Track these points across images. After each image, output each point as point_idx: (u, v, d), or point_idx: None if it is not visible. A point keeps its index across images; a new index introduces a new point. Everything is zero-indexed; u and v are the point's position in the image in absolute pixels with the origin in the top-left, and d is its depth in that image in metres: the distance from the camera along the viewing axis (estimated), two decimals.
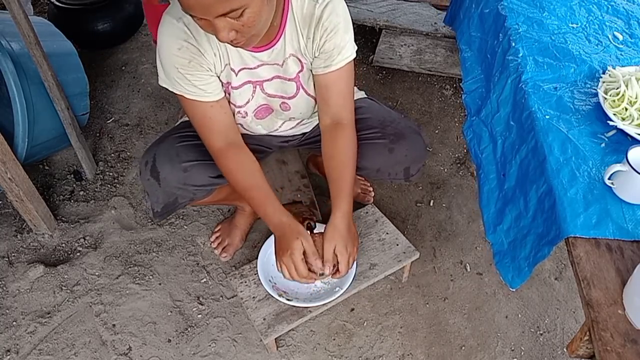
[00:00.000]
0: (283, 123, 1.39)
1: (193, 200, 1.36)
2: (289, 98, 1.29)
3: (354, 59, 1.25)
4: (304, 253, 1.24)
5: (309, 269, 1.25)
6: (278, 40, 1.18)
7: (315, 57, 1.22)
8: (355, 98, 1.37)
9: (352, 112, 1.31)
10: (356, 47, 1.25)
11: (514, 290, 1.60)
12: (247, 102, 1.27)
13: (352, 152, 1.30)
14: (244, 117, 1.31)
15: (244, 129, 1.39)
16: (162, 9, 1.19)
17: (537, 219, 1.09)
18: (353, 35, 1.23)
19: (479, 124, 1.42)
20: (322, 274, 1.27)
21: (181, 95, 1.18)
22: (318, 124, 1.46)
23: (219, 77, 1.20)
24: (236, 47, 1.07)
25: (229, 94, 1.25)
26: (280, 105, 1.31)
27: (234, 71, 1.20)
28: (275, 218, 1.26)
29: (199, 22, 0.98)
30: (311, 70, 1.26)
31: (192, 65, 1.13)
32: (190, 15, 0.97)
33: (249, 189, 1.26)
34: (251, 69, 1.21)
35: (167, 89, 1.19)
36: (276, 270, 1.41)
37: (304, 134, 1.49)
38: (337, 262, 1.28)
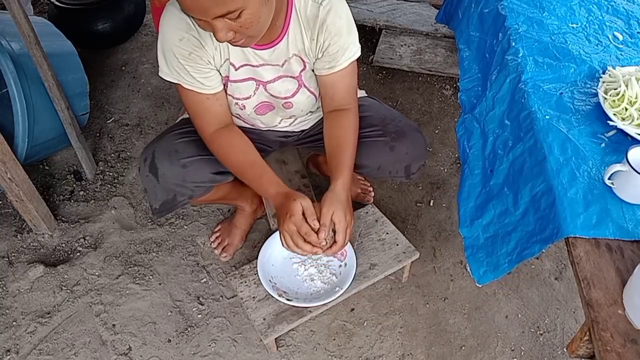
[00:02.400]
0: (282, 120, 1.40)
1: (192, 198, 1.36)
2: (292, 96, 1.30)
3: (361, 58, 1.26)
4: (303, 215, 1.19)
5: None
6: (281, 40, 1.18)
7: (318, 58, 1.23)
8: None
9: (356, 102, 1.33)
10: (359, 46, 1.25)
11: (480, 286, 1.55)
12: (248, 97, 1.28)
13: (353, 132, 1.30)
14: (242, 109, 1.32)
15: (242, 120, 1.39)
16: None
17: (527, 216, 1.09)
18: (357, 34, 1.24)
19: (471, 120, 1.43)
20: (320, 246, 1.19)
21: (179, 84, 1.19)
22: (317, 122, 1.47)
23: (218, 70, 1.21)
24: (235, 46, 1.08)
25: (227, 86, 1.26)
26: (283, 105, 1.32)
27: (233, 66, 1.21)
28: (272, 189, 1.23)
29: (198, 22, 1.00)
30: (313, 70, 1.27)
31: (192, 58, 1.15)
32: (189, 15, 0.98)
33: (244, 166, 1.26)
34: (254, 66, 1.22)
35: (166, 81, 1.20)
36: (276, 270, 1.42)
37: (302, 130, 1.50)
38: (334, 236, 1.22)
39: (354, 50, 1.24)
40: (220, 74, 1.22)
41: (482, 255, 1.18)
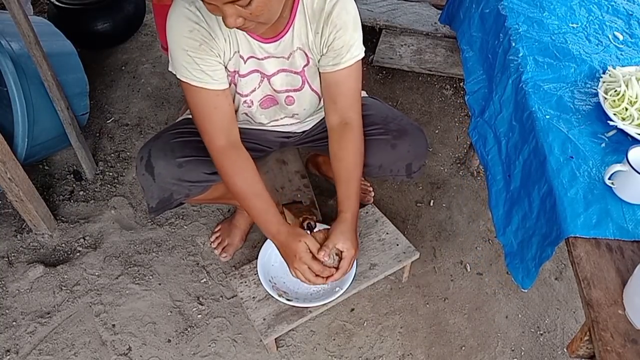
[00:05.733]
0: (284, 117, 1.39)
1: (189, 197, 1.36)
2: (294, 91, 1.29)
3: (362, 59, 1.26)
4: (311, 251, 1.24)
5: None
6: (286, 33, 1.18)
7: (323, 54, 1.23)
8: None
9: (360, 113, 1.31)
10: (364, 48, 1.25)
11: (525, 291, 1.60)
12: (253, 91, 1.27)
13: (360, 153, 1.30)
14: (250, 107, 1.31)
15: (249, 118, 1.38)
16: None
17: (540, 219, 1.09)
18: (362, 34, 1.24)
19: (483, 125, 1.42)
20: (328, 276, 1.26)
21: (187, 83, 1.16)
22: (319, 122, 1.47)
23: (225, 67, 1.20)
24: (243, 31, 1.07)
25: (235, 84, 1.24)
26: (285, 100, 1.31)
27: (242, 58, 1.20)
28: (273, 227, 1.25)
29: (208, 6, 0.99)
30: (317, 67, 1.26)
31: (202, 49, 1.12)
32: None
33: (249, 196, 1.25)
34: (259, 59, 1.21)
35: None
36: (276, 270, 1.42)
37: (304, 131, 1.49)
38: (338, 261, 1.27)
39: (360, 49, 1.23)
40: (227, 70, 1.20)
41: (517, 262, 1.17)
